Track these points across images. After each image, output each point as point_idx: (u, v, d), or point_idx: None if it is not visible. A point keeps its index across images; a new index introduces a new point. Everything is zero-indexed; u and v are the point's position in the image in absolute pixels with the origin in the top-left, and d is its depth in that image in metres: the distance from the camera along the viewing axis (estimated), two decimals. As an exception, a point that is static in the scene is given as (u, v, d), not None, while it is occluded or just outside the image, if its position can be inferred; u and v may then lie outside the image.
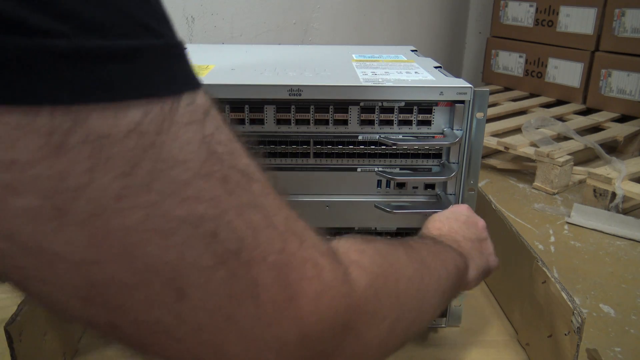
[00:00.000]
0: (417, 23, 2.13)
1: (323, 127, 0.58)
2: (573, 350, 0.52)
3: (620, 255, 1.07)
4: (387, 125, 0.58)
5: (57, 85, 0.20)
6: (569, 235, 1.15)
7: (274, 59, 0.71)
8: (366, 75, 0.61)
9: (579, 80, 1.83)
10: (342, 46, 0.84)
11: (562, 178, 1.37)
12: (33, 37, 0.20)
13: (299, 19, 1.79)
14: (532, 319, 0.63)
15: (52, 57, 0.20)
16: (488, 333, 0.69)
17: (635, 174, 1.28)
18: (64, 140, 0.21)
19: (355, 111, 0.58)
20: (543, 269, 0.59)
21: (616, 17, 1.71)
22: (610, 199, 1.24)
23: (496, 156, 1.55)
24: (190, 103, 0.24)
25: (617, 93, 1.74)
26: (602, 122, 1.67)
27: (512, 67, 2.02)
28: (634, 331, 0.82)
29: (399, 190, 0.62)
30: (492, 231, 0.55)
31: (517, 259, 0.66)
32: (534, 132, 1.50)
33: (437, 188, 0.61)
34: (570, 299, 0.54)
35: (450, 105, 0.58)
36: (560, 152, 1.38)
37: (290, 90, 0.55)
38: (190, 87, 0.24)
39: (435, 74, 0.62)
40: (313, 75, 0.60)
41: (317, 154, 0.59)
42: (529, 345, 0.64)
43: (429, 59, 0.73)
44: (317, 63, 0.68)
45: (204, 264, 0.24)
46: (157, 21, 0.24)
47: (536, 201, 1.32)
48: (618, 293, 0.93)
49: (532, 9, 1.92)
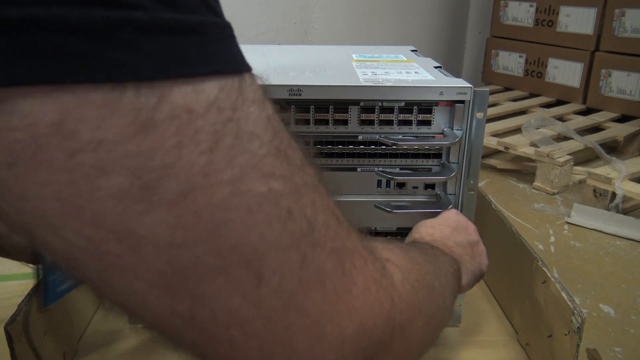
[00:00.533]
0: (417, 23, 2.13)
1: (323, 127, 0.58)
2: (573, 350, 0.52)
3: (620, 255, 1.07)
4: (387, 125, 0.58)
5: (141, 59, 0.20)
6: (569, 235, 1.15)
7: (273, 58, 0.71)
8: (366, 75, 0.61)
9: (579, 80, 1.82)
10: (342, 46, 0.84)
11: (562, 178, 1.37)
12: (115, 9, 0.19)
13: (299, 19, 1.79)
14: (532, 319, 0.63)
15: (134, 30, 0.19)
16: (488, 333, 0.69)
17: (635, 174, 1.28)
18: (152, 117, 0.20)
19: (355, 111, 0.58)
20: (543, 269, 0.59)
21: (616, 17, 1.71)
22: (610, 199, 1.24)
23: (496, 156, 1.55)
24: (252, 83, 0.24)
25: (617, 93, 1.74)
26: (602, 122, 1.67)
27: (512, 67, 2.02)
28: (634, 331, 0.82)
29: (399, 190, 0.62)
30: (492, 231, 0.55)
31: (517, 259, 0.66)
32: (534, 132, 1.50)
33: (437, 188, 0.61)
34: (570, 299, 0.54)
35: (450, 105, 0.58)
36: (560, 152, 1.38)
37: (290, 90, 0.55)
38: (248, 68, 0.24)
39: (435, 74, 0.62)
40: (313, 75, 0.60)
41: (317, 154, 0.59)
42: (529, 345, 0.64)
43: (429, 59, 0.73)
44: (317, 63, 0.68)
45: (282, 244, 0.24)
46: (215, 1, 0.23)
47: (536, 201, 1.32)
48: (618, 293, 0.93)
49: (532, 9, 1.92)
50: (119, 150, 0.20)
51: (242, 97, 0.23)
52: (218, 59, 0.22)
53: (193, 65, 0.21)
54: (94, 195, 0.20)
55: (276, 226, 0.23)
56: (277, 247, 0.23)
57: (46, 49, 0.18)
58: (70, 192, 0.20)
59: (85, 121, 0.19)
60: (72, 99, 0.19)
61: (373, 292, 0.28)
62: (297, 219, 0.24)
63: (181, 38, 0.21)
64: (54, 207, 0.20)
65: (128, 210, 0.21)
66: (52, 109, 0.19)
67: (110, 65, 0.19)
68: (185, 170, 0.21)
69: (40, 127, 0.19)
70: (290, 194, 0.24)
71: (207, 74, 0.22)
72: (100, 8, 0.19)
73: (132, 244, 0.21)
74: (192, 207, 0.21)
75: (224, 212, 0.22)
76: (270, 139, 0.24)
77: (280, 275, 0.24)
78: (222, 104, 0.22)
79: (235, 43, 0.24)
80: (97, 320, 0.69)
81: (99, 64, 0.19)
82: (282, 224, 0.24)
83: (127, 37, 0.19)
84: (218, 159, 0.22)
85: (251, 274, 0.23)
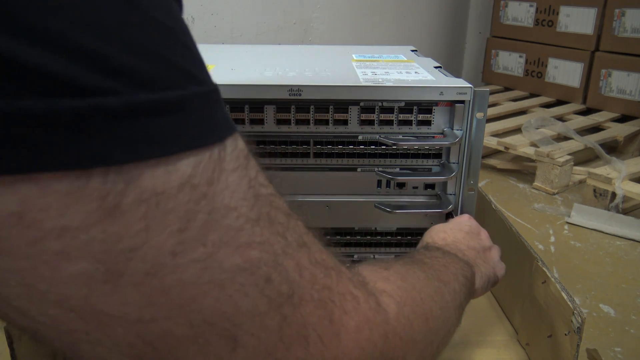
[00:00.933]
0: (417, 23, 2.13)
1: (323, 127, 0.58)
2: (573, 350, 0.52)
3: (620, 255, 1.07)
4: (387, 125, 0.58)
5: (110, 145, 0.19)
6: (569, 235, 1.15)
7: (274, 59, 0.71)
8: (366, 75, 0.61)
9: (579, 80, 1.82)
10: (342, 46, 0.84)
11: (562, 178, 1.37)
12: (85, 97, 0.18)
13: (299, 19, 1.79)
14: (532, 319, 0.63)
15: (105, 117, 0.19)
16: (488, 333, 0.69)
17: (635, 174, 1.28)
18: (118, 202, 0.20)
19: (355, 111, 0.58)
20: (543, 269, 0.59)
21: (616, 17, 1.71)
22: (610, 199, 1.24)
23: (496, 156, 1.55)
24: (234, 149, 0.23)
25: (617, 93, 1.74)
26: (602, 122, 1.67)
27: (512, 67, 2.02)
28: (634, 331, 0.82)
29: (399, 190, 0.62)
30: (492, 231, 0.55)
31: (517, 259, 0.66)
32: (534, 132, 1.50)
33: (437, 188, 0.61)
34: (570, 299, 0.54)
35: (450, 105, 0.58)
36: (560, 152, 1.38)
37: (290, 90, 0.55)
38: (231, 132, 0.24)
39: (435, 74, 0.62)
40: (313, 75, 0.60)
41: (317, 154, 0.59)
42: (529, 345, 0.64)
43: (429, 59, 0.73)
44: (317, 63, 0.68)
45: (259, 310, 0.23)
46: (198, 68, 0.23)
47: (536, 201, 1.32)
48: (618, 293, 0.93)
49: (532, 9, 1.92)
50: (83, 236, 0.19)
51: (220, 168, 0.22)
52: (196, 133, 0.22)
53: (167, 146, 0.20)
54: (58, 280, 0.20)
55: (253, 294, 0.23)
56: (252, 314, 0.23)
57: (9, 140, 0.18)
58: (33, 278, 0.20)
59: (48, 210, 0.19)
60: (34, 188, 0.18)
61: (365, 334, 0.28)
62: (276, 284, 0.24)
63: (156, 119, 0.20)
64: (17, 292, 0.20)
65: (93, 293, 0.20)
66: (12, 200, 0.18)
67: (77, 153, 0.19)
68: (153, 252, 0.20)
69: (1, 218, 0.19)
70: (269, 261, 0.24)
71: (181, 151, 0.21)
72: (69, 98, 0.18)
73: (100, 322, 0.21)
74: (160, 285, 0.21)
75: (194, 289, 0.22)
76: (250, 207, 0.23)
77: (257, 339, 0.24)
78: (196, 180, 0.21)
79: (221, 107, 0.24)
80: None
81: (65, 153, 0.18)
82: (259, 291, 0.23)
83: (98, 125, 0.19)
84: (189, 238, 0.21)
85: (225, 340, 0.23)
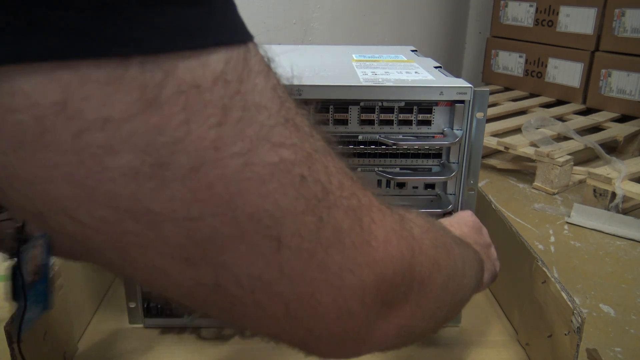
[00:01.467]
0: (417, 23, 2.13)
1: (323, 127, 0.58)
2: (573, 350, 0.52)
3: (620, 255, 1.07)
4: (387, 125, 0.58)
5: (145, 33, 0.19)
6: (569, 235, 1.15)
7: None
8: (366, 75, 0.61)
9: (579, 80, 1.82)
10: (342, 46, 0.84)
11: (562, 178, 1.37)
12: None
13: (299, 19, 1.79)
14: (532, 319, 0.63)
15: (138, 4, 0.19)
16: (488, 333, 0.69)
17: (635, 174, 1.28)
18: (158, 93, 0.20)
19: (355, 111, 0.58)
20: (543, 269, 0.59)
21: (616, 17, 1.71)
22: (610, 199, 1.24)
23: (496, 156, 1.55)
24: (256, 53, 0.24)
25: (617, 93, 1.74)
26: (602, 122, 1.67)
27: (512, 67, 2.02)
28: (634, 331, 0.82)
29: (399, 190, 0.62)
30: (492, 231, 0.55)
31: (517, 259, 0.66)
32: (534, 132, 1.50)
33: (437, 188, 0.61)
34: (570, 299, 0.54)
35: (450, 105, 0.58)
36: (560, 152, 1.38)
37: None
38: (251, 37, 0.24)
39: (435, 74, 0.62)
40: (313, 75, 0.60)
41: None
42: (529, 345, 0.64)
43: (429, 59, 0.73)
44: (317, 63, 0.68)
45: (298, 209, 0.24)
46: None
47: (536, 201, 1.32)
48: (618, 293, 0.93)
49: (532, 9, 1.92)
50: (127, 127, 0.19)
51: (248, 69, 0.23)
52: (224, 29, 0.22)
53: (199, 38, 0.21)
54: (105, 175, 0.20)
55: (290, 193, 0.24)
56: (293, 213, 0.24)
57: (48, 25, 0.18)
58: (80, 174, 0.20)
59: (89, 99, 0.19)
60: (73, 76, 0.18)
61: (394, 243, 0.29)
62: (311, 184, 0.25)
63: (186, 10, 0.20)
64: (64, 190, 0.20)
65: (141, 189, 0.20)
66: (54, 88, 0.18)
67: (113, 40, 0.19)
68: (196, 145, 0.21)
69: (44, 108, 0.18)
70: (302, 162, 0.24)
71: (212, 46, 0.21)
72: None
73: (149, 221, 0.21)
74: (205, 180, 0.21)
75: (237, 184, 0.22)
76: (278, 109, 0.24)
77: (299, 238, 0.24)
78: (228, 76, 0.22)
79: (238, 12, 0.24)
80: (97, 320, 0.69)
81: (102, 40, 0.18)
82: (296, 191, 0.24)
83: (132, 10, 0.19)
84: (227, 132, 0.21)
85: (270, 239, 0.24)
